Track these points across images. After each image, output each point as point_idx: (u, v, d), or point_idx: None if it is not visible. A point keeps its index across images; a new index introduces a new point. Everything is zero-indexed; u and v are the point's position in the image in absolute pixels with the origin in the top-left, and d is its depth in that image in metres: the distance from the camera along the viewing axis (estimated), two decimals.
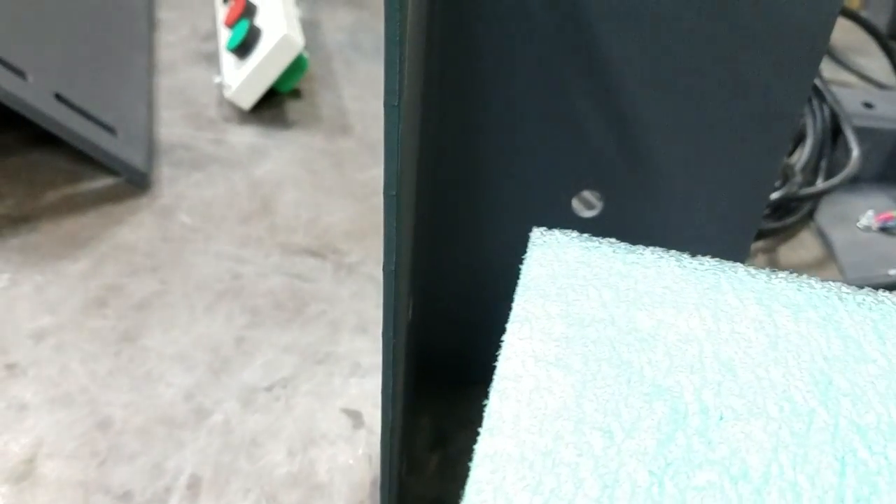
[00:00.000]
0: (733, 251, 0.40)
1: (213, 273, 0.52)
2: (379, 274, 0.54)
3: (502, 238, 0.39)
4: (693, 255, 0.33)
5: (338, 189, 0.61)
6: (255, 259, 0.54)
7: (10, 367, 0.45)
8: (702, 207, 0.39)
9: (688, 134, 0.37)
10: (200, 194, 0.59)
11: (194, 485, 0.40)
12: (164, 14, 0.79)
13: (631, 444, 0.24)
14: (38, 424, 0.42)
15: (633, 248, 0.31)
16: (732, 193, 0.39)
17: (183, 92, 0.69)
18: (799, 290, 0.30)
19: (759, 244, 0.60)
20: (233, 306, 0.50)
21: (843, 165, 0.60)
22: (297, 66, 0.67)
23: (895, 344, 0.29)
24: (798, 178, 0.59)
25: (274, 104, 0.69)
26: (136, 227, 0.55)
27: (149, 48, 0.73)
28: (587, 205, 0.41)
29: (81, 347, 0.46)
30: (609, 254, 0.30)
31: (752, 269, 0.31)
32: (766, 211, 0.60)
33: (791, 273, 0.31)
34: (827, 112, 0.64)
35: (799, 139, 0.64)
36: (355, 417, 0.44)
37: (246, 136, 0.65)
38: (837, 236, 0.60)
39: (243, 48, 0.66)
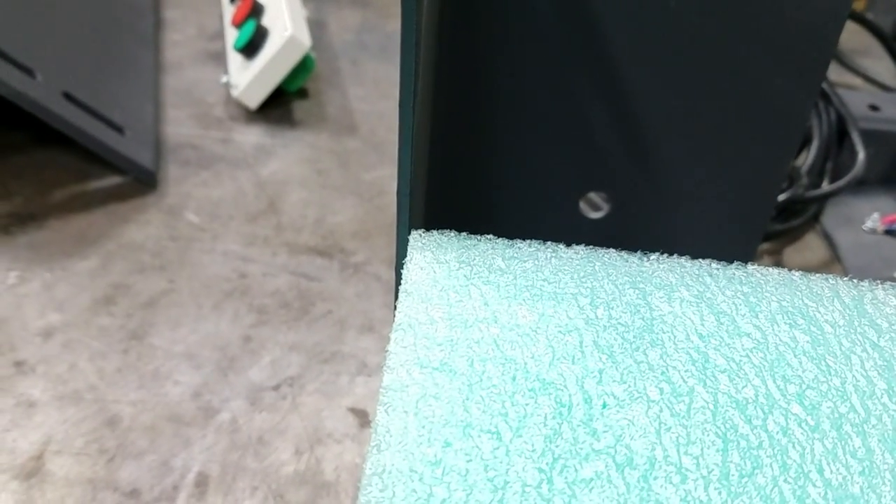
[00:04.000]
0: (739, 252, 0.40)
1: (220, 272, 0.53)
2: (384, 273, 0.54)
3: (510, 237, 0.39)
4: (700, 257, 0.33)
5: (344, 188, 0.61)
6: (261, 258, 0.54)
7: (19, 364, 0.45)
8: (708, 209, 0.39)
9: (695, 136, 0.37)
10: (207, 193, 0.59)
11: (202, 482, 0.41)
12: (170, 13, 0.80)
13: (519, 443, 0.24)
14: (46, 421, 0.42)
15: (511, 242, 0.31)
16: (739, 195, 0.39)
17: (190, 91, 0.70)
18: (671, 270, 0.30)
19: (765, 246, 0.60)
20: (240, 305, 0.50)
21: (848, 168, 0.60)
22: (303, 66, 0.67)
23: (767, 316, 0.29)
24: (804, 181, 0.59)
25: (281, 104, 0.69)
26: (143, 226, 0.55)
27: (155, 47, 0.74)
28: (594, 206, 0.41)
29: (89, 345, 0.47)
30: (488, 251, 0.30)
31: (624, 254, 0.31)
32: (772, 213, 0.60)
33: (662, 254, 0.31)
34: (833, 114, 0.64)
35: (805, 141, 0.64)
36: (362, 416, 0.45)
37: (253, 136, 0.65)
38: (843, 239, 0.61)
39: (250, 48, 0.66)
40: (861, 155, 0.60)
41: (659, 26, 0.34)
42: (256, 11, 0.69)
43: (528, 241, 0.31)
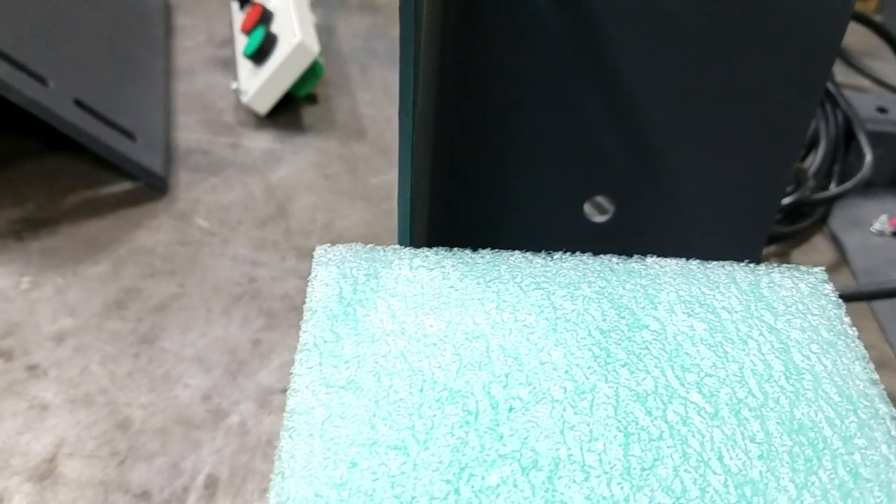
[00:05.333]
0: (744, 254, 0.40)
1: (229, 276, 0.53)
2: None
3: (514, 244, 0.39)
4: (705, 259, 0.33)
5: (352, 193, 0.61)
6: (270, 262, 0.55)
7: (32, 368, 0.46)
8: (713, 211, 0.39)
9: (699, 138, 0.37)
10: (217, 198, 0.60)
11: (211, 484, 0.41)
12: (181, 20, 0.80)
13: (426, 456, 0.24)
14: (58, 424, 0.43)
15: (417, 251, 0.31)
16: (744, 197, 0.39)
17: (200, 97, 0.70)
18: (574, 267, 0.31)
19: (772, 249, 0.60)
20: (249, 309, 0.51)
21: (856, 170, 0.60)
22: (312, 72, 0.68)
23: (666, 307, 0.29)
24: (811, 183, 0.59)
25: (290, 109, 0.70)
26: (154, 231, 0.56)
27: (166, 54, 0.74)
28: (600, 209, 0.41)
29: (101, 349, 0.47)
30: (395, 261, 0.30)
31: (529, 255, 0.31)
32: (779, 215, 0.60)
33: (566, 253, 0.31)
34: (840, 116, 0.64)
35: (812, 144, 0.64)
36: None
37: (262, 141, 0.66)
38: (851, 241, 0.61)
39: (260, 54, 0.66)
40: (868, 157, 0.60)
41: (661, 30, 0.34)
42: (265, 18, 0.69)
43: (434, 249, 0.31)
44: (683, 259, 0.31)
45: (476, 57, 0.35)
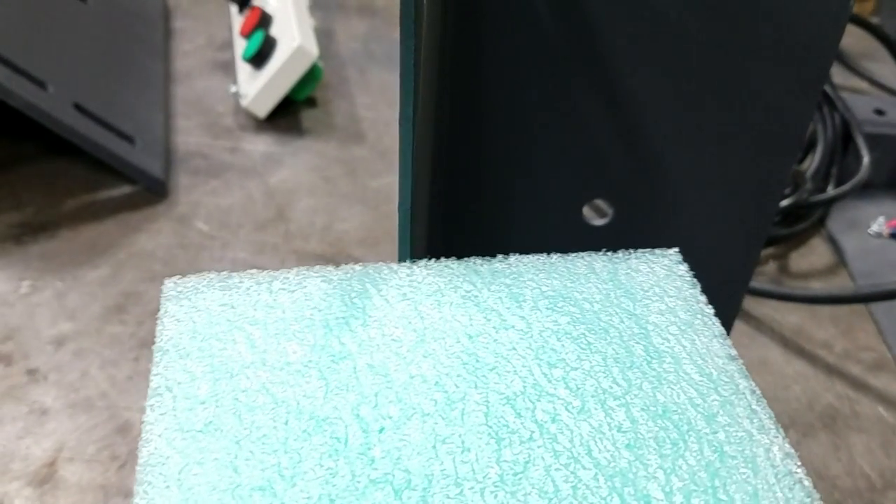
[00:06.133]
0: (742, 256, 0.40)
1: None
2: None
3: (514, 248, 0.39)
4: (703, 261, 0.33)
5: (351, 196, 0.62)
6: (270, 265, 0.54)
7: (32, 372, 0.46)
8: (712, 214, 0.40)
9: (697, 141, 0.37)
10: (217, 202, 0.60)
11: None
12: (180, 23, 0.80)
13: (294, 494, 0.22)
14: (58, 429, 0.43)
15: (276, 274, 0.29)
16: (742, 200, 0.39)
17: (199, 101, 0.70)
18: (439, 273, 0.29)
19: (770, 250, 0.60)
20: None
21: (853, 172, 0.60)
22: (311, 76, 0.68)
23: (531, 304, 0.28)
24: (809, 185, 0.59)
25: (289, 112, 0.70)
26: (153, 235, 0.56)
27: (165, 57, 0.75)
28: (599, 213, 0.41)
29: (101, 353, 0.47)
30: (253, 287, 0.29)
31: (394, 265, 0.30)
32: (777, 217, 0.60)
33: (430, 259, 0.30)
34: (838, 119, 0.64)
35: (810, 146, 0.65)
36: None
37: (261, 145, 0.66)
38: (848, 243, 0.61)
39: (259, 58, 0.67)
40: (866, 159, 0.60)
41: (659, 34, 0.34)
42: (265, 22, 0.69)
43: (296, 269, 0.29)
44: (545, 254, 0.31)
45: (475, 63, 0.35)
